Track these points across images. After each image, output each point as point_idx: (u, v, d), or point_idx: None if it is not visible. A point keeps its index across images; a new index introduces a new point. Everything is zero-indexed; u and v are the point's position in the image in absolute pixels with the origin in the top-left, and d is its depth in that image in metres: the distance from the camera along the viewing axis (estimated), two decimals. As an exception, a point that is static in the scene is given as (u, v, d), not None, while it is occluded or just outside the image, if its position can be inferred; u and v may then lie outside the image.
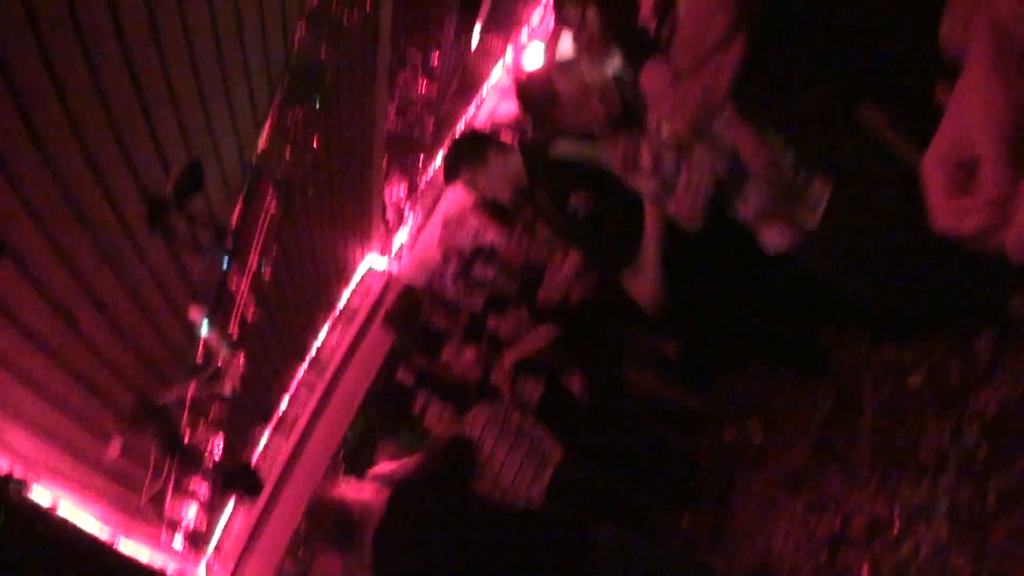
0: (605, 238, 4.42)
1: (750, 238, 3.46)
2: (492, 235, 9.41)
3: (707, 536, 5.99)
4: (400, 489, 3.53)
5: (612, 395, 6.45)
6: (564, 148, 4.08)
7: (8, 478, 4.38)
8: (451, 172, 4.21)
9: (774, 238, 3.36)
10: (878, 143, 2.86)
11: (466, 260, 9.67)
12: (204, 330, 5.85)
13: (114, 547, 5.93)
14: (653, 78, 3.20)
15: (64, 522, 5.07)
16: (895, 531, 3.82)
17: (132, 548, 6.42)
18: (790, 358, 4.98)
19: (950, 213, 1.86)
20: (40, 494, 4.81)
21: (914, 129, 2.79)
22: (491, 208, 9.20)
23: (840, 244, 3.27)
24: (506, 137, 8.59)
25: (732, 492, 5.88)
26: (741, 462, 5.91)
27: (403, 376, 9.83)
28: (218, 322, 5.87)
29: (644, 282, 3.90)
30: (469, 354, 7.65)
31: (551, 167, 4.14)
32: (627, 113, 3.68)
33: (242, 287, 6.10)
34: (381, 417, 10.09)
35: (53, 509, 4.97)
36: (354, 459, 9.81)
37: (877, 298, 3.69)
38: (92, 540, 5.50)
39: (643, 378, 6.11)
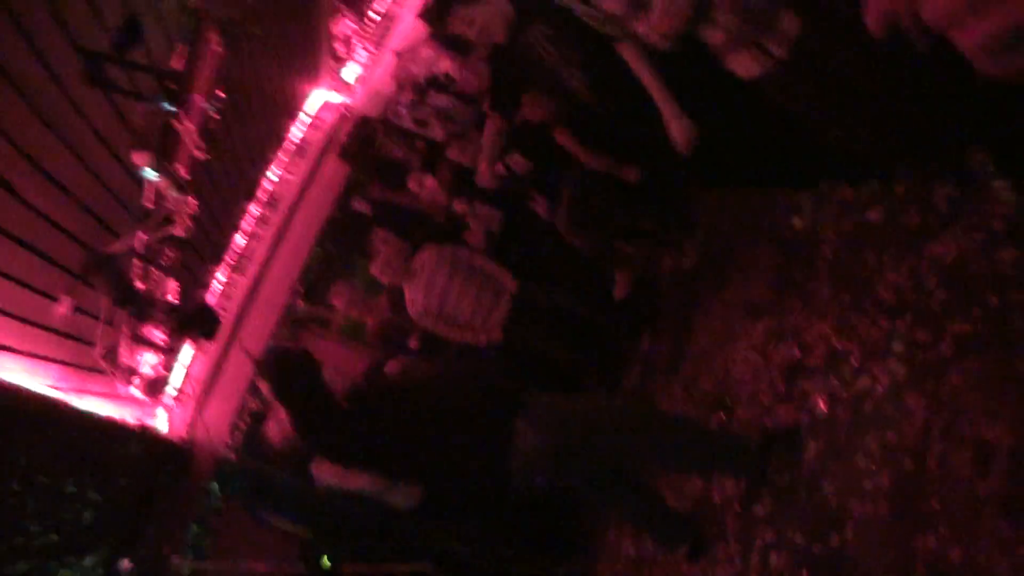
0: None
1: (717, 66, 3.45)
2: (446, 64, 9.07)
3: (666, 360, 6.02)
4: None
5: (575, 218, 6.35)
6: None
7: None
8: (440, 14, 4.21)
9: (742, 66, 3.36)
10: None
11: (421, 89, 9.37)
12: (150, 175, 5.58)
13: (68, 406, 5.81)
14: None
15: (12, 390, 4.91)
16: (853, 365, 3.84)
17: (89, 403, 6.34)
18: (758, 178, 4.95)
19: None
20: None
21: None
22: (447, 39, 8.86)
23: (807, 77, 3.29)
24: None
25: (692, 316, 5.89)
26: (701, 286, 5.90)
27: (359, 206, 9.69)
28: (165, 166, 5.59)
29: (673, 126, 3.86)
30: (430, 183, 7.47)
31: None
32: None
33: (189, 129, 5.80)
34: (338, 248, 9.99)
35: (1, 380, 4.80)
36: (312, 292, 9.73)
37: (841, 134, 3.66)
38: (43, 402, 5.37)
39: (602, 199, 6.02)
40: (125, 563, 6.56)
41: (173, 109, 5.52)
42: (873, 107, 3.32)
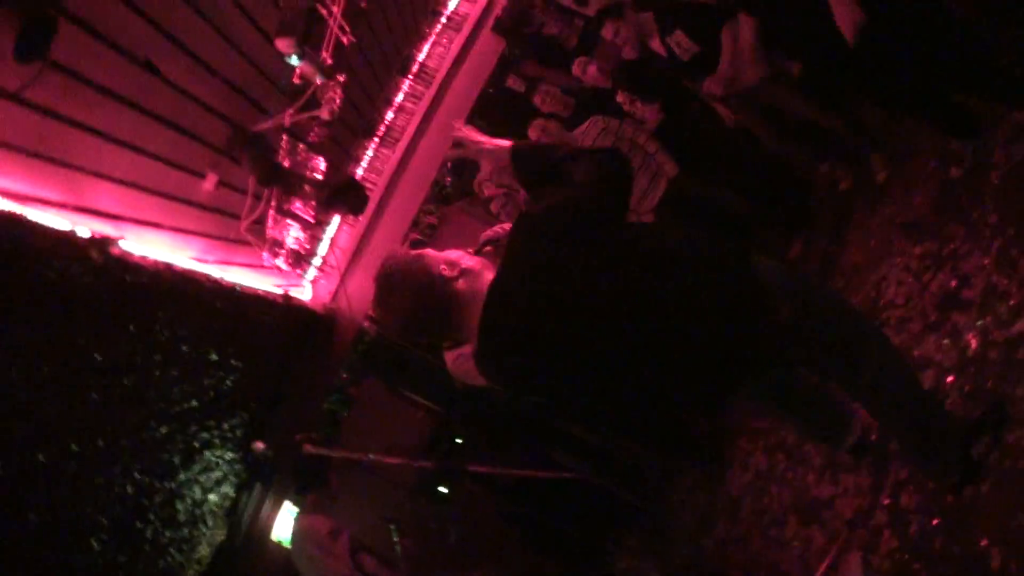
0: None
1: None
2: (607, -58, 8.74)
3: (817, 269, 5.83)
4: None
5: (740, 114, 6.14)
6: None
7: (92, 240, 4.31)
8: None
9: None
10: None
11: (580, -36, 9.10)
12: (295, 60, 5.56)
13: (212, 278, 5.97)
14: None
15: (155, 266, 5.05)
16: (1010, 304, 3.63)
17: (234, 274, 6.50)
18: (929, 103, 4.67)
19: None
20: (130, 246, 4.76)
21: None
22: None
23: None
24: None
25: (847, 227, 5.67)
26: (860, 198, 5.65)
27: (515, 83, 9.56)
28: (310, 50, 5.55)
29: (840, 9, 3.75)
30: (593, 68, 7.28)
31: None
32: None
33: (334, 12, 5.73)
34: (491, 125, 9.88)
35: (143, 258, 4.93)
36: (460, 168, 9.73)
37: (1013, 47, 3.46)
38: (186, 277, 5.52)
39: (770, 91, 5.77)
40: (259, 445, 6.80)
41: (319, -9, 5.44)
42: None
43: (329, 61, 5.99)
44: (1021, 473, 3.12)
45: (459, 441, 7.78)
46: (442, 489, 7.37)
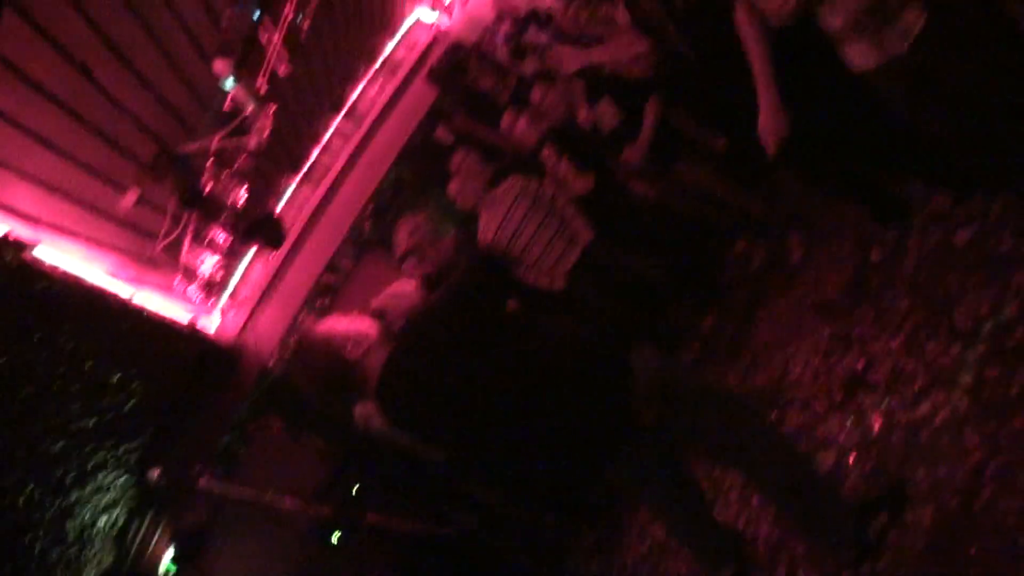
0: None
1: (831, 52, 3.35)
2: (549, 1, 8.87)
3: (727, 344, 5.87)
4: (414, 322, 3.08)
5: (657, 187, 6.20)
6: None
7: (6, 240, 4.15)
8: None
9: (857, 56, 3.26)
10: None
11: (520, 23, 9.18)
12: (230, 83, 5.48)
13: (122, 297, 5.81)
14: None
15: (67, 277, 4.89)
16: (916, 388, 3.66)
17: (144, 296, 6.33)
18: (848, 184, 4.78)
19: None
20: (44, 252, 4.60)
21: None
22: (555, -26, 8.66)
23: (922, 76, 3.16)
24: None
25: (759, 305, 5.71)
26: (774, 276, 5.72)
27: (443, 135, 9.55)
28: (246, 76, 5.48)
29: (766, 114, 3.76)
30: (522, 124, 7.29)
31: None
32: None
33: (273, 40, 5.67)
34: (414, 175, 9.88)
35: (56, 267, 4.77)
36: (381, 215, 9.66)
37: (947, 142, 3.50)
38: (97, 293, 5.36)
39: (695, 171, 5.85)
40: (155, 472, 6.61)
41: (261, 16, 5.38)
42: (989, 120, 3.16)
43: (264, 88, 5.92)
44: (918, 552, 3.17)
45: (357, 488, 7.61)
46: (334, 539, 7.20)
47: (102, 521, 6.22)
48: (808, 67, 3.60)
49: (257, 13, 5.38)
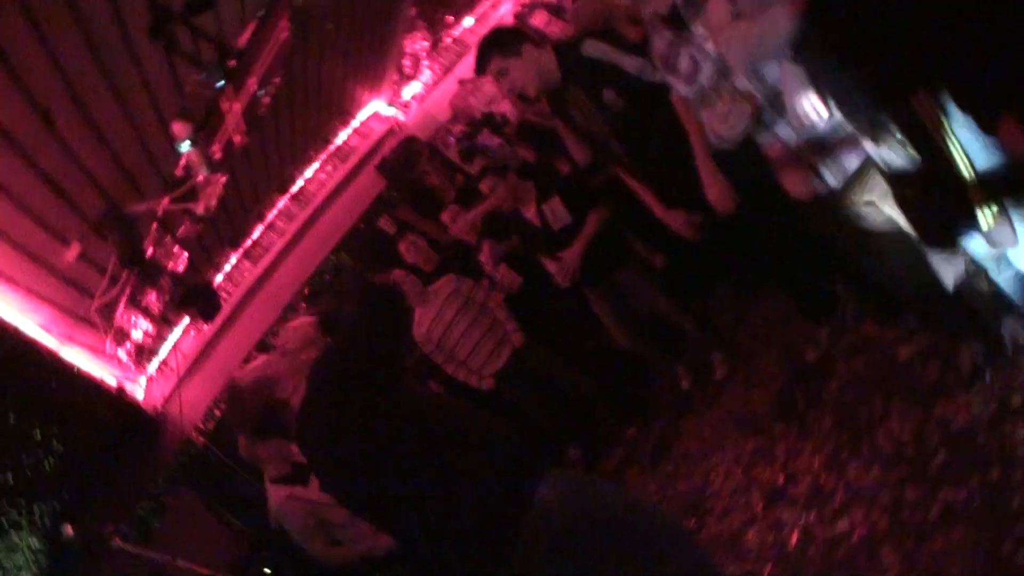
0: (639, 136, 4.37)
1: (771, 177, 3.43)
2: (506, 106, 9.06)
3: (650, 453, 5.91)
4: (320, 364, 2.91)
5: (596, 291, 6.26)
6: (594, 49, 4.09)
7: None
8: (483, 61, 4.17)
9: (793, 184, 3.36)
10: (927, 133, 2.73)
11: (475, 124, 9.35)
12: (186, 146, 5.50)
13: (51, 351, 5.73)
14: (716, 10, 3.17)
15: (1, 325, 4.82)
16: (835, 506, 3.72)
17: (73, 354, 6.24)
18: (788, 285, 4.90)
19: None
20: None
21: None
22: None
23: (854, 214, 3.24)
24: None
25: (684, 417, 5.78)
26: (699, 391, 5.80)
27: (386, 224, 9.62)
28: (202, 141, 5.51)
29: (710, 185, 3.80)
30: (468, 218, 7.35)
31: (583, 65, 4.13)
32: (674, 17, 3.58)
33: (234, 109, 5.72)
34: (354, 260, 9.92)
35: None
36: (317, 298, 9.66)
37: (875, 276, 3.66)
38: (29, 345, 5.28)
39: (633, 281, 5.93)
40: (67, 529, 6.43)
41: (224, 86, 5.43)
42: (915, 260, 3.26)
43: (218, 156, 5.95)
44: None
45: (268, 572, 7.44)
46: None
47: (9, 583, 6.02)
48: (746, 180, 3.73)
49: (221, 82, 5.41)
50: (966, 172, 2.61)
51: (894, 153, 2.83)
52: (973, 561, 2.93)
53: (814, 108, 3.02)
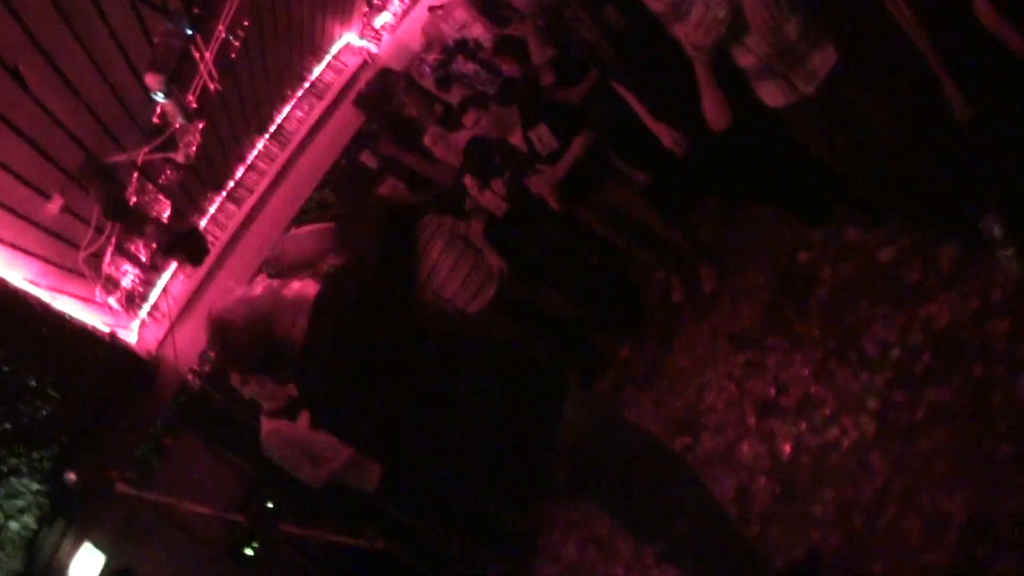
0: (639, 53, 4.54)
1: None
2: (478, 30, 9.02)
3: (644, 371, 6.02)
4: (323, 301, 2.85)
5: (583, 210, 6.33)
6: None
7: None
8: None
9: (768, 95, 3.43)
10: (895, 28, 2.80)
11: (448, 51, 9.32)
12: (160, 97, 5.51)
13: (41, 302, 5.80)
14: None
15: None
16: (825, 414, 3.87)
17: (64, 304, 6.32)
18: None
19: None
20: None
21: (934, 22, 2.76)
22: (483, 4, 8.82)
23: (829, 118, 3.35)
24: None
25: (675, 334, 5.88)
26: (690, 306, 5.89)
27: (367, 159, 9.62)
28: (176, 90, 5.52)
29: (710, 106, 3.80)
30: (450, 140, 7.37)
31: None
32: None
33: (205, 57, 5.72)
34: (337, 197, 9.92)
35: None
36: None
37: (855, 180, 3.72)
38: (16, 295, 5.36)
39: (620, 195, 5.98)
40: (71, 475, 6.53)
41: (192, 34, 5.43)
42: (892, 160, 3.32)
43: (194, 105, 5.96)
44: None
45: (270, 506, 7.59)
46: (249, 551, 7.17)
47: (13, 526, 6.15)
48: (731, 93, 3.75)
49: (189, 31, 5.40)
50: None
51: None
52: (957, 459, 3.06)
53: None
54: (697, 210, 6.43)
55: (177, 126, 6.09)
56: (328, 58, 10.62)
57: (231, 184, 9.44)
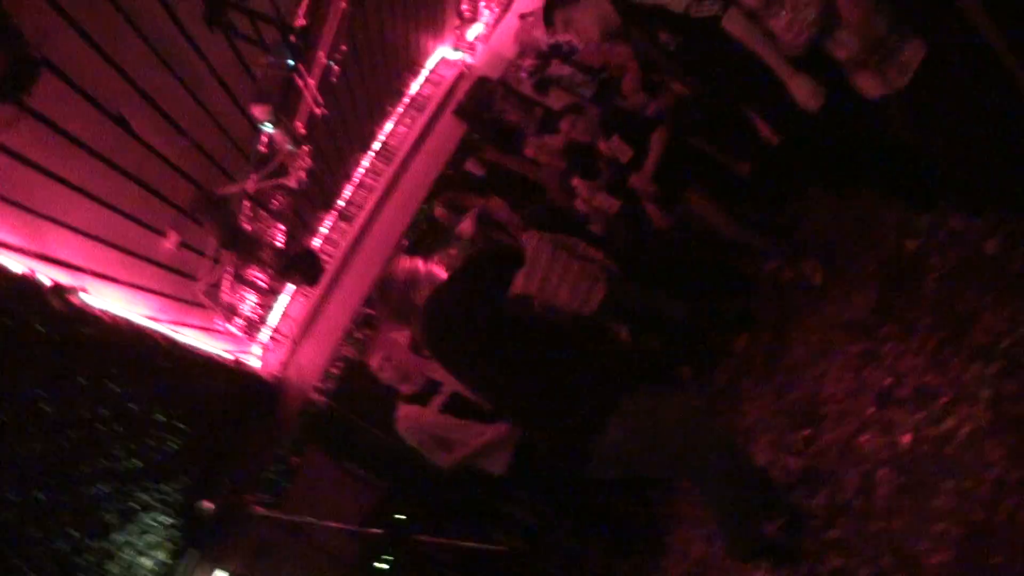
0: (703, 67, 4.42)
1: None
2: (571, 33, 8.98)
3: (760, 363, 5.92)
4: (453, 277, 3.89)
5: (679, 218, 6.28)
6: None
7: (54, 287, 4.31)
8: (548, 15, 4.48)
9: (865, 86, 3.39)
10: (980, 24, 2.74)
11: (543, 56, 9.31)
12: (269, 127, 5.64)
13: (165, 336, 5.96)
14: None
15: (112, 320, 5.04)
16: (941, 403, 3.75)
17: (188, 336, 6.49)
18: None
19: None
20: (89, 298, 4.76)
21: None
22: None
23: (926, 108, 3.30)
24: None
25: (789, 326, 5.78)
26: (803, 297, 5.78)
27: (473, 167, 9.69)
28: (285, 120, 5.64)
29: (793, 84, 3.77)
30: (551, 144, 7.38)
31: (633, 10, 4.21)
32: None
33: (309, 84, 5.84)
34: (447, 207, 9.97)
35: (102, 311, 4.93)
36: (416, 249, 9.76)
37: (956, 168, 3.64)
38: (140, 333, 5.51)
39: (708, 205, 5.94)
40: (206, 504, 6.72)
41: (294, 63, 5.53)
42: (992, 148, 3.24)
43: (302, 131, 6.09)
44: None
45: (401, 517, 7.71)
46: (382, 564, 7.30)
47: (146, 563, 6.32)
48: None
49: (291, 62, 5.51)
50: None
51: None
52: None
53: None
54: (798, 202, 6.29)
55: (287, 151, 6.22)
56: (425, 73, 10.72)
57: (341, 203, 9.60)
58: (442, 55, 10.80)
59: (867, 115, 3.62)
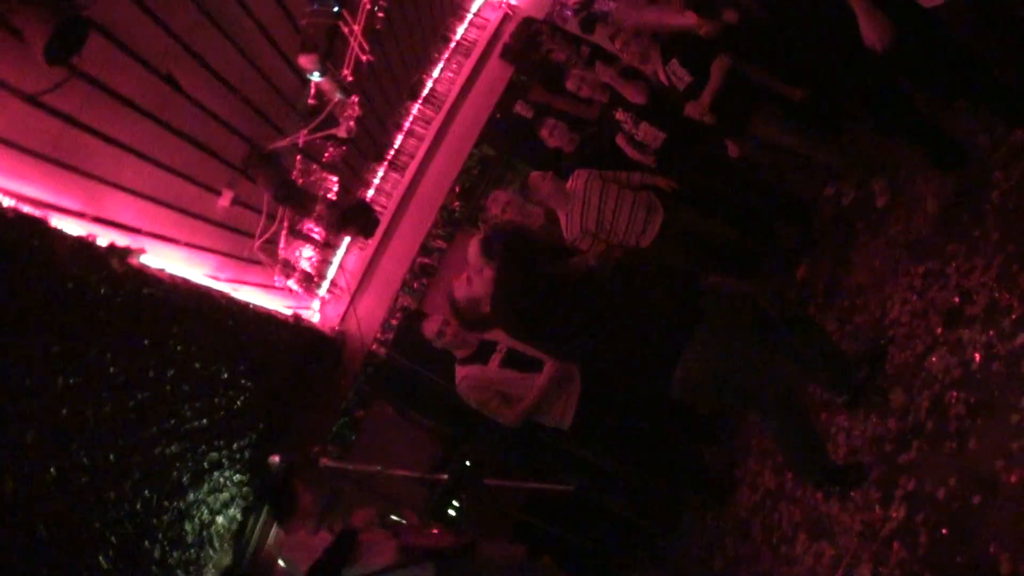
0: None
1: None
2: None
3: (823, 290, 5.86)
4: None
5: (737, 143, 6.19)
6: None
7: (113, 249, 4.31)
8: None
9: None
10: None
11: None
12: (316, 76, 5.60)
13: (225, 295, 5.98)
14: None
15: (172, 280, 5.05)
16: (1012, 319, 3.73)
17: (246, 293, 6.51)
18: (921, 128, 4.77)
19: None
20: (149, 259, 4.77)
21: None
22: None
23: (988, 11, 3.38)
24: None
25: (851, 249, 5.70)
26: (862, 222, 5.70)
27: (522, 109, 9.60)
28: (332, 68, 5.59)
29: (866, 21, 3.78)
30: (595, 77, 7.27)
31: None
32: None
33: (355, 31, 5.77)
34: (498, 151, 9.92)
35: (162, 271, 4.94)
36: (469, 194, 9.72)
37: (1018, 75, 3.69)
38: (200, 292, 5.53)
39: (770, 125, 5.87)
40: (274, 459, 6.77)
41: (339, 10, 5.46)
42: None
43: (350, 78, 6.03)
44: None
45: (468, 464, 7.75)
46: (451, 511, 7.34)
47: (220, 520, 6.39)
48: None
49: (336, 7, 5.45)
50: None
51: None
52: None
53: None
54: (858, 124, 6.16)
55: (336, 100, 6.18)
56: (470, 16, 10.59)
57: (392, 152, 9.56)
58: (486, -2, 10.68)
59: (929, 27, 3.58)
